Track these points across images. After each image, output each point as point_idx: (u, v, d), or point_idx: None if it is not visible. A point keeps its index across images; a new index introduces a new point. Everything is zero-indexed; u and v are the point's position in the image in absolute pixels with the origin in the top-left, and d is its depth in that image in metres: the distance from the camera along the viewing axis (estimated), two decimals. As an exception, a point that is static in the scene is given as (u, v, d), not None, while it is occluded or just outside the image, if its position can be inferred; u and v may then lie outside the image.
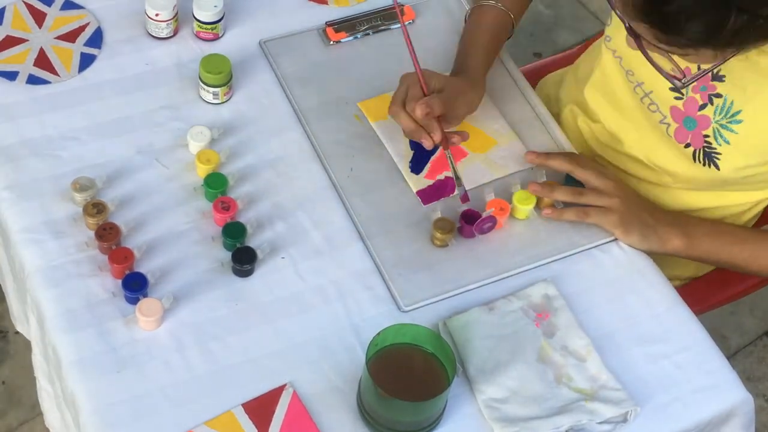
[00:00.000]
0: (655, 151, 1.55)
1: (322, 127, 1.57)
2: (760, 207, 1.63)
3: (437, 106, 1.45)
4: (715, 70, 1.41)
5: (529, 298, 1.42)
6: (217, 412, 1.30)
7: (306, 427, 1.30)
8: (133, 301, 1.37)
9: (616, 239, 1.50)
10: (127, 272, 1.38)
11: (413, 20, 1.71)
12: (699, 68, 1.34)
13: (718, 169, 1.47)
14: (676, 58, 1.30)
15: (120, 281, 1.37)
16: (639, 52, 1.32)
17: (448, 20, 1.72)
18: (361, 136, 1.57)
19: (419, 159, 1.55)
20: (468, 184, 1.52)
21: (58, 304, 1.37)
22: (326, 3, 1.71)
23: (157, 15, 1.58)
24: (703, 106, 1.46)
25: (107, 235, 1.40)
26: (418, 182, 1.53)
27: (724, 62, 1.31)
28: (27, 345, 2.07)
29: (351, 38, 1.67)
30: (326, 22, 1.68)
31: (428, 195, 1.52)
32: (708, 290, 1.70)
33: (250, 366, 1.34)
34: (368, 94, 1.61)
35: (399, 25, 1.69)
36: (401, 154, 1.55)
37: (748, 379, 2.35)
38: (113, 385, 1.31)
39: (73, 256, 1.40)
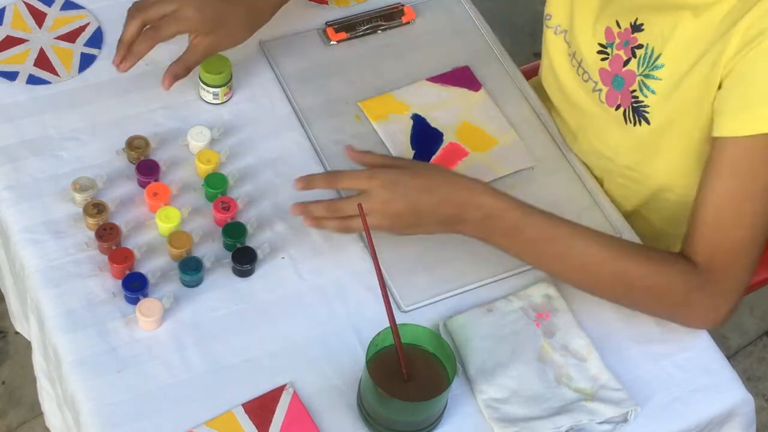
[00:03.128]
0: (596, 129, 1.54)
1: (322, 127, 1.57)
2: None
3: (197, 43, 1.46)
4: (633, 21, 1.42)
5: (529, 298, 1.42)
6: (217, 412, 1.30)
7: (306, 428, 1.30)
8: (133, 301, 1.37)
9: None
10: (127, 272, 1.38)
11: (413, 20, 1.71)
12: None
13: (648, 123, 1.45)
14: None
15: (120, 281, 1.37)
16: (575, 19, 1.31)
17: (448, 20, 1.72)
18: (361, 136, 1.57)
19: (420, 158, 1.55)
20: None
21: (58, 304, 1.37)
22: (326, 3, 1.71)
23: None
24: (627, 62, 1.46)
25: (107, 235, 1.40)
26: (418, 182, 1.53)
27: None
28: (27, 345, 2.06)
29: (351, 38, 1.67)
30: (326, 22, 1.68)
31: (428, 195, 1.52)
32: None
33: (250, 366, 1.34)
34: (368, 94, 1.61)
35: (399, 26, 1.69)
36: (402, 154, 1.55)
37: (748, 379, 2.35)
38: (113, 385, 1.31)
39: (73, 256, 1.41)
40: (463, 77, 1.65)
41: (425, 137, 1.58)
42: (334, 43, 1.66)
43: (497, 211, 1.33)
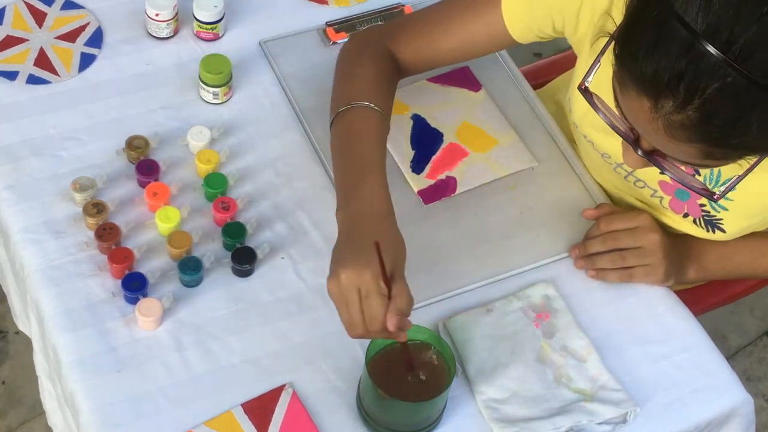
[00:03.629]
0: (657, 218, 1.48)
1: (322, 127, 1.57)
2: None
3: (407, 306, 1.22)
4: None
5: (528, 299, 1.42)
6: (216, 412, 1.30)
7: (305, 428, 1.30)
8: (133, 301, 1.37)
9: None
10: (127, 272, 1.38)
11: (413, 20, 1.70)
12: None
13: (723, 232, 1.43)
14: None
15: (120, 281, 1.37)
16: (606, 137, 1.28)
17: (449, 20, 1.72)
18: (361, 136, 1.57)
19: (420, 159, 1.55)
20: (469, 184, 1.52)
21: (58, 304, 1.37)
22: (326, 3, 1.71)
23: (157, 15, 1.58)
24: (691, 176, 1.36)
25: (107, 235, 1.40)
26: (419, 182, 1.53)
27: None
28: (27, 345, 2.06)
29: (351, 38, 1.67)
30: (326, 23, 1.68)
31: (429, 195, 1.52)
32: (708, 290, 1.70)
33: (250, 366, 1.34)
34: (368, 94, 1.61)
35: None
36: (402, 154, 1.55)
37: (748, 379, 2.35)
38: (113, 384, 1.31)
39: (73, 256, 1.41)
40: (463, 77, 1.65)
41: (425, 137, 1.58)
42: (334, 43, 1.66)
43: (705, 248, 1.46)
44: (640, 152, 1.18)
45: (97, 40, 1.62)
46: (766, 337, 2.43)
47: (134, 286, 1.37)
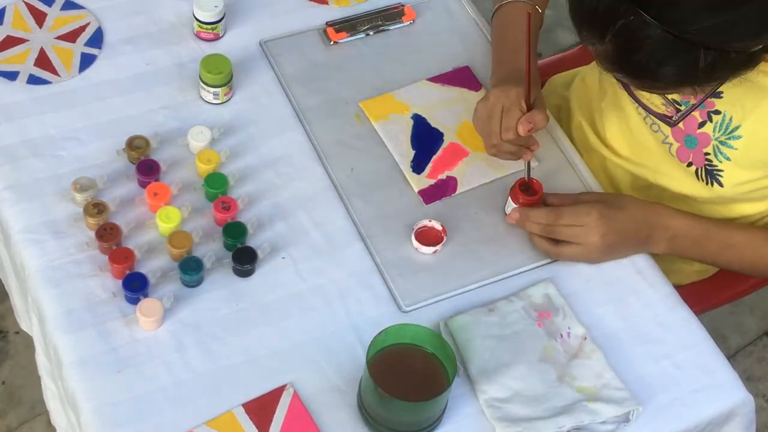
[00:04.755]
0: (660, 171, 1.55)
1: (322, 127, 1.57)
2: None
3: (540, 121, 1.42)
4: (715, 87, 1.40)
5: (530, 298, 1.42)
6: (217, 412, 1.30)
7: (306, 428, 1.30)
8: (134, 301, 1.37)
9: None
10: (128, 272, 1.38)
11: (413, 20, 1.71)
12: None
13: (721, 186, 1.47)
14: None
15: (120, 281, 1.37)
16: None
17: (448, 20, 1.72)
18: (361, 136, 1.57)
19: (421, 159, 1.55)
20: (469, 184, 1.52)
21: (59, 304, 1.37)
22: (326, 3, 1.71)
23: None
24: (702, 124, 1.45)
25: (108, 235, 1.40)
26: (419, 182, 1.53)
27: (714, 92, 1.29)
28: (27, 345, 2.07)
29: (351, 38, 1.67)
30: (327, 22, 1.68)
31: (430, 194, 1.52)
32: (708, 290, 1.70)
33: (251, 366, 1.34)
34: (368, 94, 1.61)
35: (399, 26, 1.69)
36: (403, 154, 1.55)
37: (748, 379, 2.35)
38: (113, 385, 1.31)
39: (73, 256, 1.40)
40: (463, 77, 1.65)
41: (426, 137, 1.58)
42: (334, 43, 1.66)
43: (681, 231, 1.46)
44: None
45: (97, 40, 1.62)
46: (766, 337, 2.43)
47: (135, 286, 1.37)
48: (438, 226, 1.46)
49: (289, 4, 1.70)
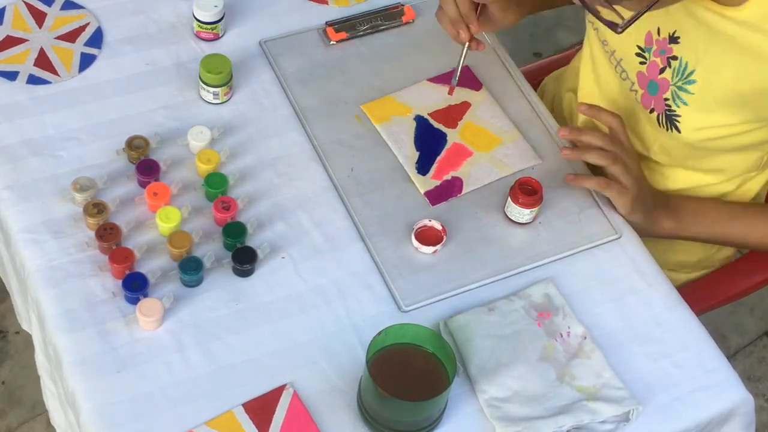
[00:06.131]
0: (631, 125, 1.57)
1: (322, 127, 1.57)
2: (748, 188, 1.63)
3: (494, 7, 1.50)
4: (671, 32, 1.45)
5: (529, 298, 1.42)
6: (217, 412, 1.30)
7: (306, 427, 1.30)
8: (134, 301, 1.37)
9: (616, 238, 1.50)
10: (128, 272, 1.38)
11: (413, 20, 1.71)
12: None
13: (679, 132, 1.49)
14: (619, 8, 1.32)
15: (120, 281, 1.37)
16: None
17: (448, 20, 1.72)
18: (361, 137, 1.57)
19: (426, 160, 1.55)
20: (474, 184, 1.53)
21: (59, 304, 1.37)
22: (326, 3, 1.71)
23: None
24: (662, 70, 1.48)
25: (108, 235, 1.40)
26: (425, 183, 1.53)
27: (657, 3, 1.31)
28: (27, 345, 2.07)
29: (351, 38, 1.67)
30: (326, 22, 1.68)
31: (436, 196, 1.52)
32: (708, 290, 1.70)
33: (251, 366, 1.34)
34: (368, 93, 1.61)
35: (399, 26, 1.69)
36: (407, 156, 1.55)
37: (748, 379, 2.35)
38: (113, 385, 1.31)
39: (73, 256, 1.41)
40: (464, 77, 1.64)
41: (429, 138, 1.58)
42: (334, 43, 1.66)
43: (676, 199, 1.55)
44: None
45: (97, 40, 1.62)
46: (766, 337, 2.43)
47: (135, 286, 1.37)
48: (438, 226, 1.46)
49: (289, 4, 1.70)
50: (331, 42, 1.66)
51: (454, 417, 1.33)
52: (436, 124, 1.59)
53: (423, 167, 1.54)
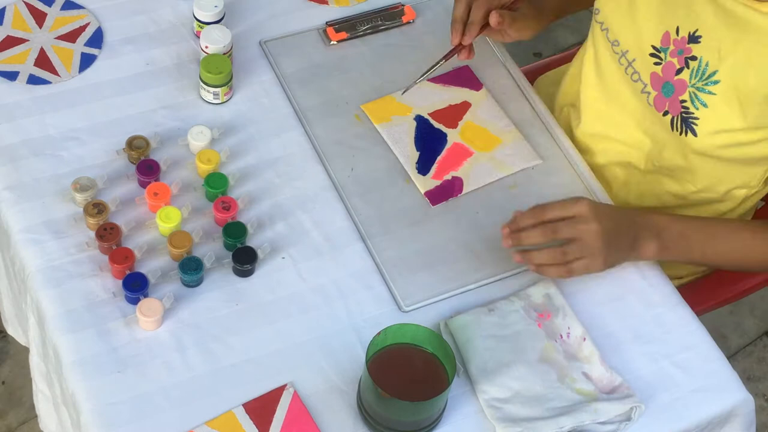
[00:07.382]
0: (637, 123, 1.55)
1: (322, 127, 1.57)
2: (745, 205, 1.61)
3: (507, 20, 1.52)
4: (692, 31, 1.42)
5: (529, 298, 1.42)
6: (217, 412, 1.30)
7: (306, 427, 1.30)
8: (134, 301, 1.37)
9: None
10: (128, 272, 1.38)
11: (413, 20, 1.71)
12: None
13: (695, 135, 1.45)
14: None
15: (120, 281, 1.37)
16: (623, 19, 1.33)
17: (448, 20, 1.71)
18: (361, 137, 1.57)
19: (426, 160, 1.55)
20: (474, 184, 1.53)
21: (59, 304, 1.37)
22: (326, 3, 1.71)
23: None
24: (679, 71, 1.45)
25: (108, 235, 1.40)
26: (425, 183, 1.53)
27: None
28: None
29: (351, 38, 1.67)
30: (326, 22, 1.68)
31: (436, 196, 1.52)
32: (708, 290, 1.70)
33: (251, 366, 1.34)
34: (368, 94, 1.61)
35: (399, 25, 1.69)
36: (407, 155, 1.55)
37: (748, 379, 2.35)
38: (113, 385, 1.31)
39: (73, 256, 1.41)
40: (464, 77, 1.65)
41: (429, 138, 1.58)
42: (334, 43, 1.66)
43: (664, 224, 1.43)
44: None
45: (97, 40, 1.62)
46: (766, 337, 2.43)
47: (135, 286, 1.37)
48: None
49: (289, 4, 1.70)
50: (332, 42, 1.66)
51: (454, 417, 1.33)
52: (436, 124, 1.59)
53: (423, 167, 1.54)
